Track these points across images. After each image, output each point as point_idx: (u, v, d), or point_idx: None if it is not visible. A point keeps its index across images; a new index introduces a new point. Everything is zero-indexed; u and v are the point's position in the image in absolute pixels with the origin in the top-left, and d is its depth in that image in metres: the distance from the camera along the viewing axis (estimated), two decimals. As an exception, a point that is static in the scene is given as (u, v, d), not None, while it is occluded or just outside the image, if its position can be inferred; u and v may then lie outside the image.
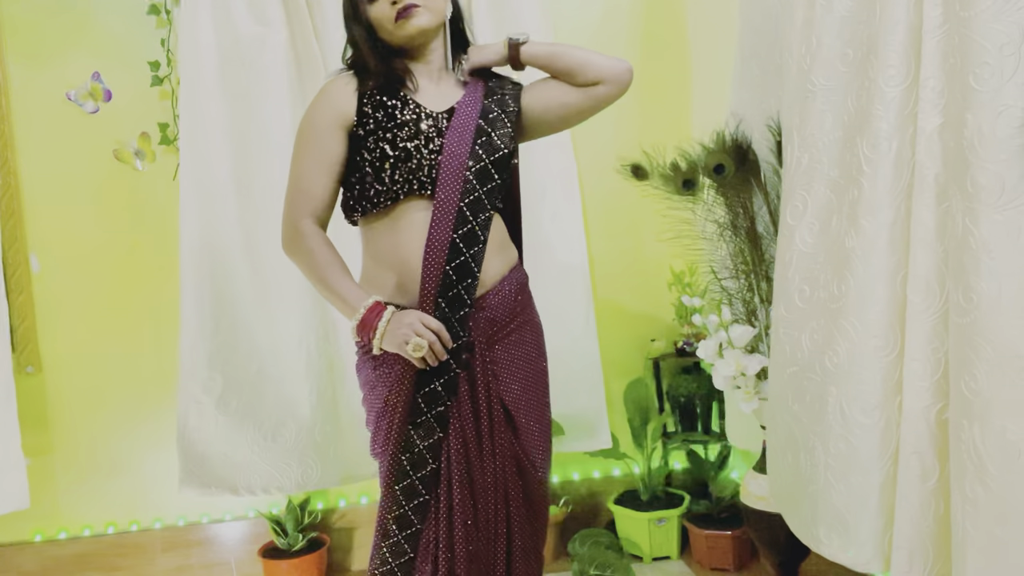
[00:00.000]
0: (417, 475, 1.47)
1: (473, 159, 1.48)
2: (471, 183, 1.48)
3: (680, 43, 2.79)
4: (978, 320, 1.16)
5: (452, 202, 1.46)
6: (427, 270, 1.45)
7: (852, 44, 1.51)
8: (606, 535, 2.55)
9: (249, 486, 2.44)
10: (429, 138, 1.48)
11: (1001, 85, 1.13)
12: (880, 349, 1.45)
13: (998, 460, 1.13)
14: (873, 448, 1.48)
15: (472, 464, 1.49)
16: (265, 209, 2.37)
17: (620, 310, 2.81)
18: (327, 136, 1.50)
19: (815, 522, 1.63)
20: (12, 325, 2.51)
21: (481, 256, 1.49)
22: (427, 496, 1.48)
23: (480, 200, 1.49)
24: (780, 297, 1.71)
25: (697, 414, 2.68)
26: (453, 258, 1.46)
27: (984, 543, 1.15)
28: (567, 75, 1.58)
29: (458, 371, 1.49)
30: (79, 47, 2.55)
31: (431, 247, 1.45)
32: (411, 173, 1.46)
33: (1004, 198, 1.13)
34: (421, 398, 1.46)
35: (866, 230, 1.46)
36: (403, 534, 1.47)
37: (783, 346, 1.69)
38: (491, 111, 1.54)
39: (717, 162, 2.04)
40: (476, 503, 1.50)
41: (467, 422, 1.50)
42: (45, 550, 2.60)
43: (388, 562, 1.48)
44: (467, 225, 1.47)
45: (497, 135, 1.53)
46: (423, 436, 1.47)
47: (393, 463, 1.48)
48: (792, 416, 1.69)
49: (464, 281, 1.47)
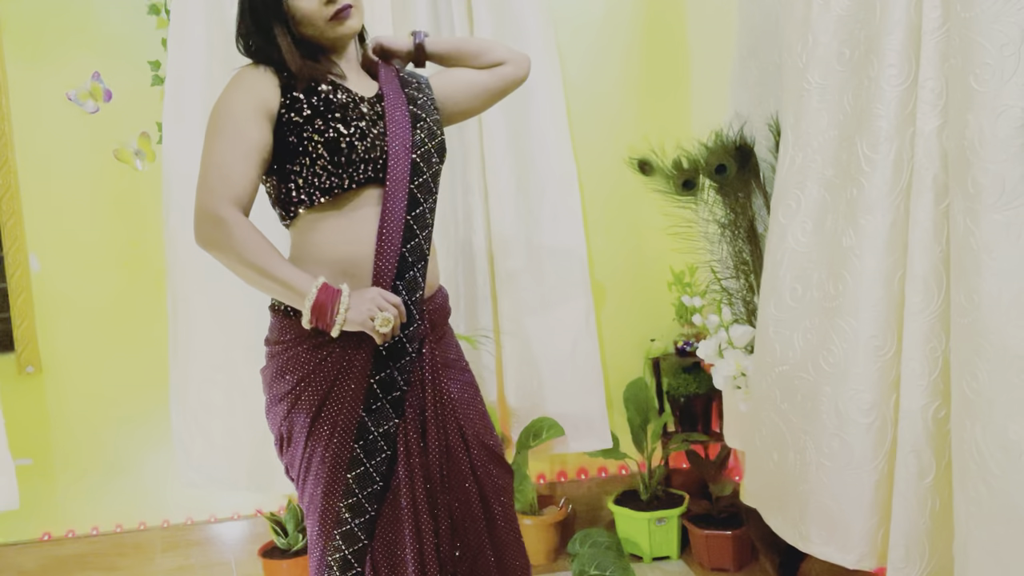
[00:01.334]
0: (371, 462, 1.44)
1: (416, 143, 1.48)
2: (418, 166, 1.48)
3: (680, 43, 2.79)
4: (979, 320, 1.16)
5: (403, 184, 1.45)
6: (383, 252, 1.43)
7: (849, 43, 1.51)
8: (606, 535, 2.54)
9: (242, 484, 2.43)
10: (372, 121, 1.46)
11: (1001, 85, 1.13)
12: (878, 348, 1.46)
13: (1000, 459, 1.13)
14: (868, 447, 1.49)
15: (429, 448, 1.49)
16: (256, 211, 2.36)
17: (620, 310, 2.81)
18: (247, 122, 1.41)
19: (804, 520, 1.63)
20: (12, 325, 2.51)
21: (430, 240, 1.50)
22: (381, 484, 1.46)
23: (427, 183, 1.50)
24: (770, 296, 1.71)
25: (697, 414, 2.68)
26: (408, 239, 1.45)
27: (987, 542, 1.16)
28: (474, 57, 1.67)
29: (413, 355, 1.47)
30: (79, 47, 2.55)
31: (387, 229, 1.43)
32: (367, 153, 1.43)
33: (1005, 198, 1.13)
34: (376, 384, 1.44)
35: (865, 230, 1.46)
36: (356, 521, 1.45)
37: (773, 345, 1.69)
38: (416, 98, 1.54)
39: (719, 162, 2.04)
40: (436, 479, 1.50)
41: (416, 408, 1.49)
42: (45, 550, 2.61)
43: (341, 549, 1.45)
44: (418, 207, 1.47)
45: (431, 120, 1.54)
46: (377, 423, 1.44)
47: (341, 452, 1.44)
48: (780, 415, 1.69)
49: (418, 264, 1.47)
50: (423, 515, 1.46)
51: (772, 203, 1.74)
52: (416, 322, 1.47)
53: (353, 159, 1.42)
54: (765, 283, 1.75)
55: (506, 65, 1.68)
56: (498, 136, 2.58)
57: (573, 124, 2.69)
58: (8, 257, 2.54)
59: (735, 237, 2.13)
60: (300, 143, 1.42)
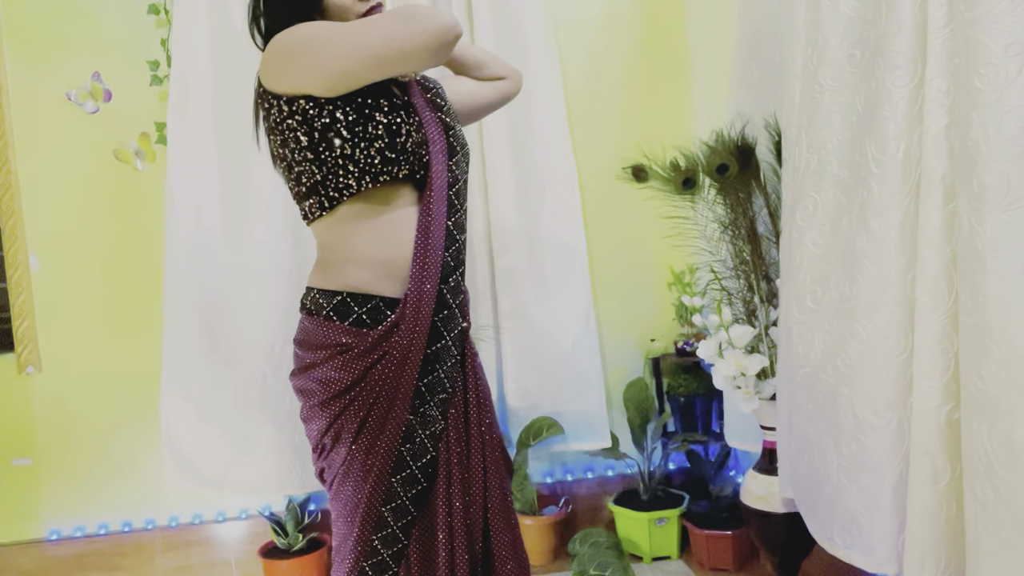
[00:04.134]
0: (417, 464, 1.45)
1: (449, 150, 1.48)
2: (453, 172, 1.47)
3: (680, 43, 2.80)
4: (985, 320, 1.16)
5: (442, 190, 1.44)
6: (427, 257, 1.41)
7: (859, 45, 1.51)
8: (606, 535, 2.54)
9: (232, 485, 2.44)
10: (410, 113, 1.42)
11: (1006, 85, 1.13)
12: (892, 350, 1.45)
13: (1005, 461, 1.12)
14: (885, 449, 1.48)
15: (471, 447, 1.50)
16: (253, 213, 2.37)
17: (620, 310, 2.81)
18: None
19: (831, 523, 1.63)
20: (12, 325, 2.51)
21: (466, 245, 1.51)
22: (424, 484, 1.46)
23: (462, 190, 1.50)
24: (791, 299, 1.71)
25: (697, 414, 2.68)
26: (449, 244, 1.45)
27: (994, 546, 1.15)
28: (476, 68, 1.67)
29: (458, 357, 1.48)
30: (79, 47, 2.55)
31: (429, 234, 1.42)
32: (416, 147, 1.40)
33: (1010, 198, 1.13)
34: (424, 387, 1.44)
35: (876, 231, 1.46)
36: (399, 524, 1.45)
37: (796, 348, 1.69)
38: (441, 105, 1.53)
39: (721, 162, 2.04)
40: (469, 480, 1.51)
41: (459, 409, 1.50)
42: (45, 550, 2.60)
43: (379, 553, 1.44)
44: (456, 213, 1.47)
45: (458, 128, 1.54)
46: (424, 425, 1.45)
47: (388, 456, 1.43)
48: (806, 417, 1.68)
49: (459, 268, 1.48)
50: (457, 514, 1.47)
51: (787, 205, 1.73)
52: (460, 325, 1.48)
53: (408, 148, 1.39)
54: (785, 286, 1.75)
55: (505, 81, 1.70)
56: (499, 136, 2.58)
57: (573, 124, 2.69)
58: (8, 257, 2.54)
59: (735, 237, 2.13)
60: (361, 120, 1.36)
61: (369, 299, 1.41)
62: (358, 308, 1.41)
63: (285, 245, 2.38)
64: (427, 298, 1.41)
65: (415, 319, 1.40)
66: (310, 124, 1.35)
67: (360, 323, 1.41)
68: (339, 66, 1.29)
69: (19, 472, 2.56)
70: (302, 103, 1.35)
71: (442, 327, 1.44)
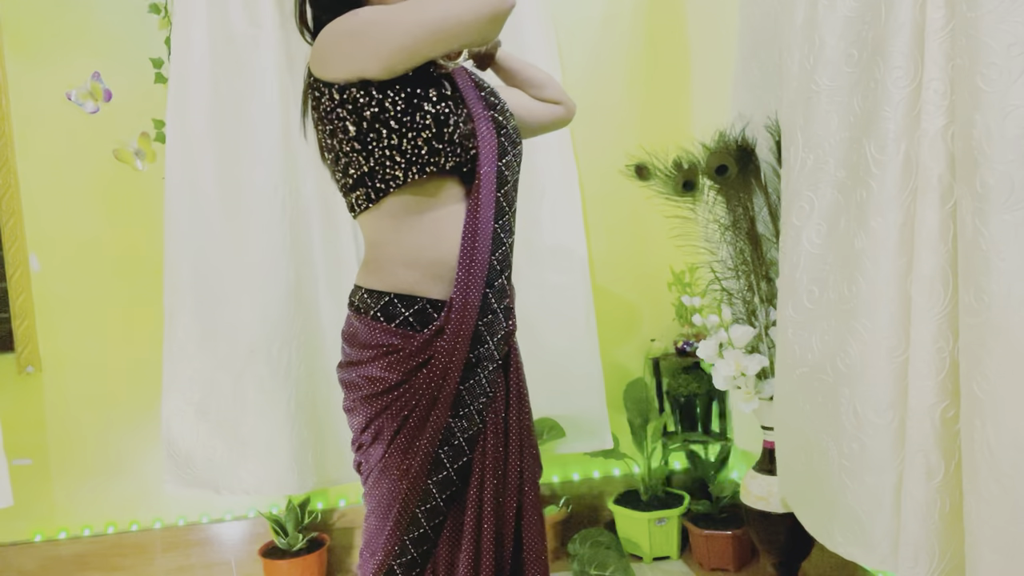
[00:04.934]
0: (454, 467, 1.45)
1: (501, 151, 1.46)
2: (503, 174, 1.46)
3: (680, 43, 2.80)
4: (990, 320, 1.16)
5: (491, 192, 1.43)
6: (473, 260, 1.41)
7: (857, 44, 1.51)
8: (606, 535, 2.55)
9: (230, 487, 2.43)
10: (458, 104, 1.41)
11: (1009, 85, 1.13)
12: (893, 349, 1.46)
13: (1013, 458, 1.13)
14: (886, 448, 1.48)
15: (509, 452, 1.50)
16: (249, 214, 2.36)
17: (620, 310, 2.81)
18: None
19: (830, 522, 1.63)
20: (12, 325, 2.51)
21: (513, 248, 1.50)
22: (458, 485, 1.46)
23: (511, 193, 1.49)
24: (787, 298, 1.71)
25: (697, 414, 2.68)
26: (496, 248, 1.44)
27: (999, 541, 1.16)
28: (534, 87, 1.66)
29: (499, 361, 1.48)
30: (79, 47, 2.55)
31: (476, 237, 1.41)
32: (464, 140, 1.40)
33: (1013, 198, 1.13)
34: (465, 390, 1.44)
35: (875, 231, 1.46)
36: (431, 524, 1.46)
37: (792, 347, 1.69)
38: (495, 103, 1.51)
39: (720, 163, 2.04)
40: (504, 486, 1.50)
41: (499, 412, 1.49)
42: (45, 550, 2.60)
43: (409, 551, 1.45)
44: (504, 216, 1.46)
45: (511, 127, 1.51)
46: (464, 428, 1.44)
47: (426, 457, 1.44)
48: (804, 417, 1.69)
49: (506, 272, 1.47)
50: (487, 519, 1.47)
51: (784, 205, 1.74)
52: (504, 329, 1.47)
53: (455, 139, 1.38)
54: (782, 285, 1.75)
55: (560, 106, 1.68)
56: (498, 136, 2.57)
57: (573, 124, 2.68)
58: (8, 257, 2.54)
59: (736, 237, 2.13)
60: (409, 110, 1.35)
61: (415, 300, 1.42)
62: (404, 310, 1.42)
63: (283, 246, 2.38)
64: (472, 303, 1.41)
65: (459, 324, 1.40)
66: (359, 113, 1.35)
67: (406, 325, 1.41)
68: (399, 42, 1.29)
69: (19, 472, 2.56)
70: (353, 91, 1.35)
71: (485, 331, 1.44)
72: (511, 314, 1.51)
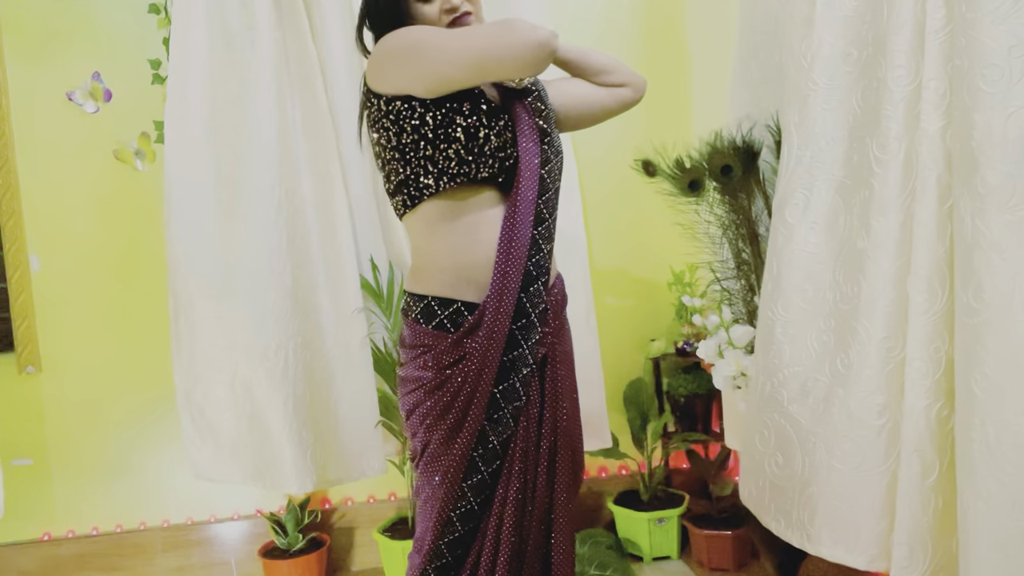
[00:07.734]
0: (488, 470, 1.47)
1: (544, 159, 1.48)
2: (545, 182, 1.48)
3: (680, 43, 2.80)
4: (991, 319, 1.16)
5: (531, 201, 1.44)
6: (509, 265, 1.43)
7: (856, 44, 1.51)
8: (606, 535, 2.55)
9: (251, 480, 2.43)
10: (505, 124, 1.45)
11: (1010, 86, 1.13)
12: (890, 350, 1.46)
13: (1013, 457, 1.13)
14: (880, 449, 1.49)
15: (539, 456, 1.51)
16: (246, 214, 2.36)
17: (620, 310, 2.81)
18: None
19: (813, 522, 1.63)
20: (12, 325, 2.51)
21: (552, 253, 1.53)
22: (492, 490, 1.48)
23: (552, 200, 1.51)
24: (776, 296, 1.70)
25: (697, 414, 2.68)
26: (533, 254, 1.46)
27: (996, 536, 1.16)
28: (596, 73, 1.61)
29: (534, 366, 1.49)
30: (79, 47, 2.55)
31: (513, 243, 1.43)
32: (498, 151, 1.43)
33: (1015, 199, 1.13)
34: (500, 394, 1.45)
35: (877, 231, 1.46)
36: (466, 528, 1.48)
37: (781, 346, 1.69)
38: (541, 109, 1.51)
39: (724, 163, 2.04)
40: (534, 492, 1.51)
41: (532, 417, 1.50)
42: (45, 550, 2.60)
43: (444, 555, 1.48)
44: (544, 223, 1.48)
45: (555, 134, 1.52)
46: (498, 432, 1.46)
47: (461, 459, 1.46)
48: (786, 417, 1.68)
49: (542, 277, 1.48)
50: (507, 520, 1.48)
51: (776, 203, 1.73)
52: (539, 333, 1.48)
53: (486, 151, 1.42)
54: (768, 283, 1.74)
55: (626, 88, 1.61)
56: (498, 136, 2.57)
57: (573, 124, 2.69)
58: (8, 257, 2.54)
59: (736, 238, 2.13)
60: (444, 123, 1.40)
61: (451, 303, 1.46)
62: (441, 312, 1.46)
63: (279, 246, 2.37)
64: (506, 307, 1.43)
65: (492, 326, 1.43)
66: (400, 125, 1.41)
67: (442, 327, 1.46)
68: (440, 70, 1.35)
69: (19, 472, 2.56)
70: (398, 104, 1.41)
71: (520, 336, 1.46)
72: (546, 319, 1.51)
